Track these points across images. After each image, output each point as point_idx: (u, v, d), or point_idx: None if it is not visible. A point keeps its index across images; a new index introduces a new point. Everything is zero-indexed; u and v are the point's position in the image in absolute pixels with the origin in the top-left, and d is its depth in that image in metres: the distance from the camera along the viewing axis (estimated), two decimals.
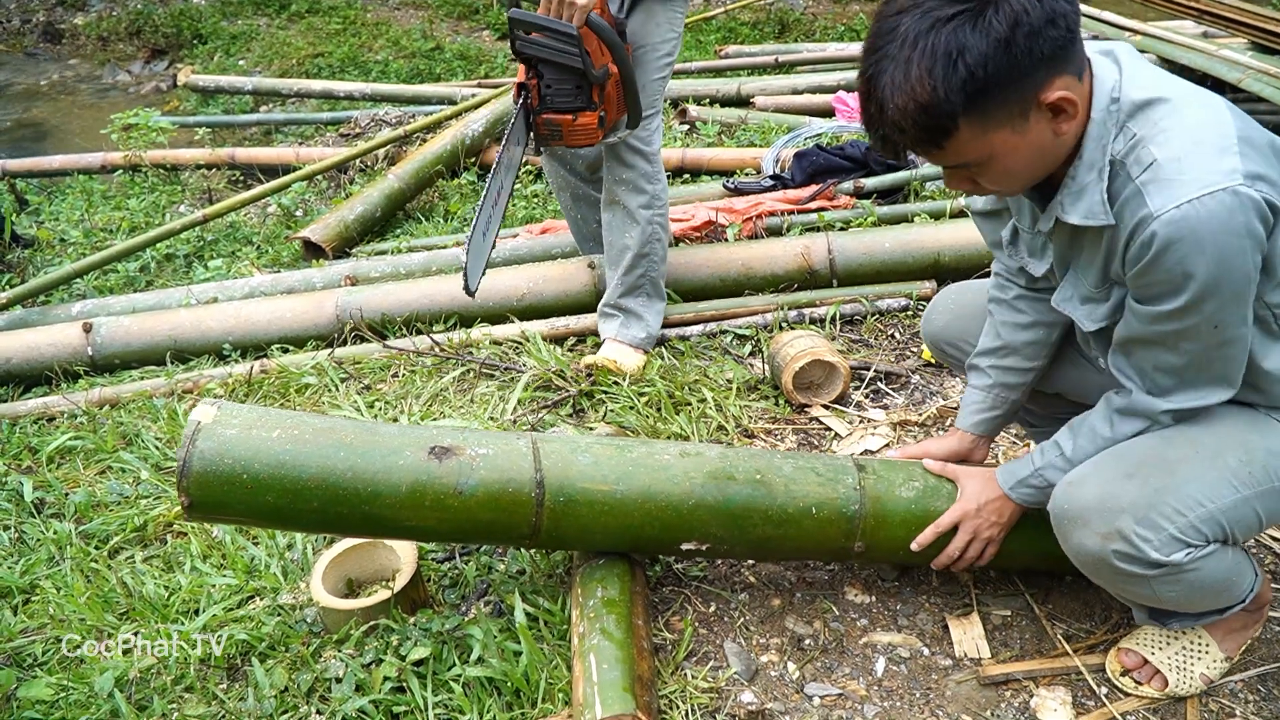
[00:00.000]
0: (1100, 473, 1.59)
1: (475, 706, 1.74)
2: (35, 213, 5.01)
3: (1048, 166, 1.46)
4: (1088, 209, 1.46)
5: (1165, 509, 1.52)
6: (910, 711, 1.78)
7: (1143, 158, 1.39)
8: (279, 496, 1.60)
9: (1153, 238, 1.36)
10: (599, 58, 2.42)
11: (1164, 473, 1.54)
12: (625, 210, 2.75)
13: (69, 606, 2.07)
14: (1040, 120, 1.37)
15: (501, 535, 1.77)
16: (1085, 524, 1.57)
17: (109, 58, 9.01)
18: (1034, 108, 1.36)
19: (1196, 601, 1.67)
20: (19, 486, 2.51)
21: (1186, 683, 1.76)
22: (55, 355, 3.09)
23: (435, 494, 1.67)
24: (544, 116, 2.50)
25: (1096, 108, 1.42)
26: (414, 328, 3.09)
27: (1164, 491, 1.52)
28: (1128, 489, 1.54)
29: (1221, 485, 1.53)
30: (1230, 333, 1.43)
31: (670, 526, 1.79)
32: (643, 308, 2.84)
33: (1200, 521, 1.52)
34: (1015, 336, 1.84)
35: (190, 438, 1.58)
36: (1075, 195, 1.47)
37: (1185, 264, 1.35)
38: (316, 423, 1.68)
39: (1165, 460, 1.55)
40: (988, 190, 1.49)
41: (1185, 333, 1.44)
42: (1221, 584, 1.63)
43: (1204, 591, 1.62)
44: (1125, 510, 1.53)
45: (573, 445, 1.79)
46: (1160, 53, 4.60)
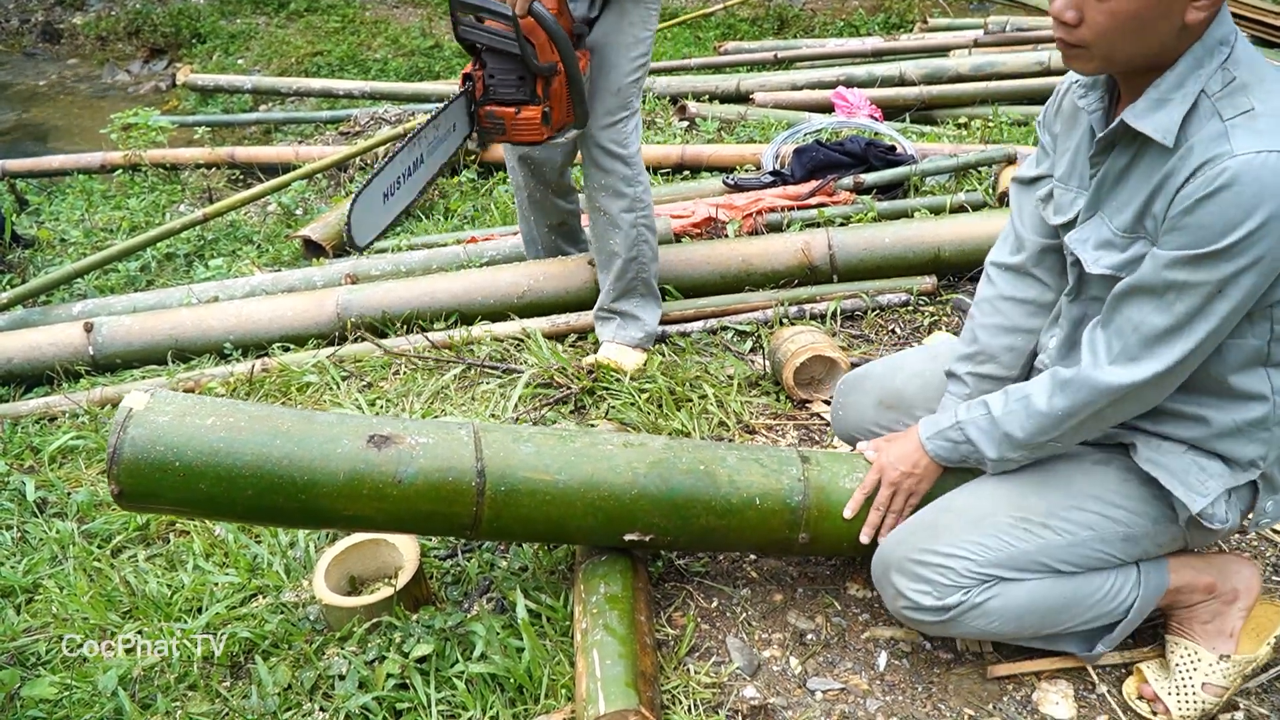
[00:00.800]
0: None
1: (478, 703, 1.74)
2: (36, 213, 5.02)
3: (1149, 47, 1.39)
4: (1162, 123, 1.41)
5: (931, 559, 1.64)
6: (913, 705, 1.79)
7: (1240, 103, 1.36)
8: (212, 485, 1.57)
9: (1222, 173, 1.32)
10: (545, 52, 2.36)
11: (932, 527, 1.68)
12: (607, 216, 2.71)
13: (72, 606, 2.07)
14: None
15: (442, 526, 1.75)
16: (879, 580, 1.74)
17: (108, 57, 9.01)
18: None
19: (1038, 626, 1.70)
20: (21, 486, 2.51)
21: (1190, 703, 1.70)
22: (56, 355, 3.09)
23: (374, 483, 1.64)
24: (486, 108, 2.44)
25: (1209, 37, 1.38)
26: (415, 325, 3.09)
27: (933, 541, 1.65)
28: (899, 542, 1.70)
29: (990, 538, 1.64)
30: (1229, 305, 1.40)
31: (613, 517, 1.78)
32: (638, 308, 2.83)
33: (965, 570, 1.63)
34: (993, 341, 1.82)
35: (121, 424, 1.54)
36: (1154, 104, 1.42)
37: (1241, 206, 1.32)
38: (253, 410, 1.65)
39: (945, 510, 1.70)
40: (1081, 37, 1.40)
41: (1190, 287, 1.40)
42: (1050, 608, 1.67)
43: (1035, 616, 1.67)
44: (892, 566, 1.68)
45: (515, 434, 1.77)
46: None
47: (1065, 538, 1.63)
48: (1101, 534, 1.64)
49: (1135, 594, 1.70)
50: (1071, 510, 1.64)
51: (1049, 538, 1.63)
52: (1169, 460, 1.59)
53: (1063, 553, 1.64)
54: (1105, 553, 1.65)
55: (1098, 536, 1.64)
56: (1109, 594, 1.68)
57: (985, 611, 1.64)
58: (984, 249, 3.03)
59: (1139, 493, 1.64)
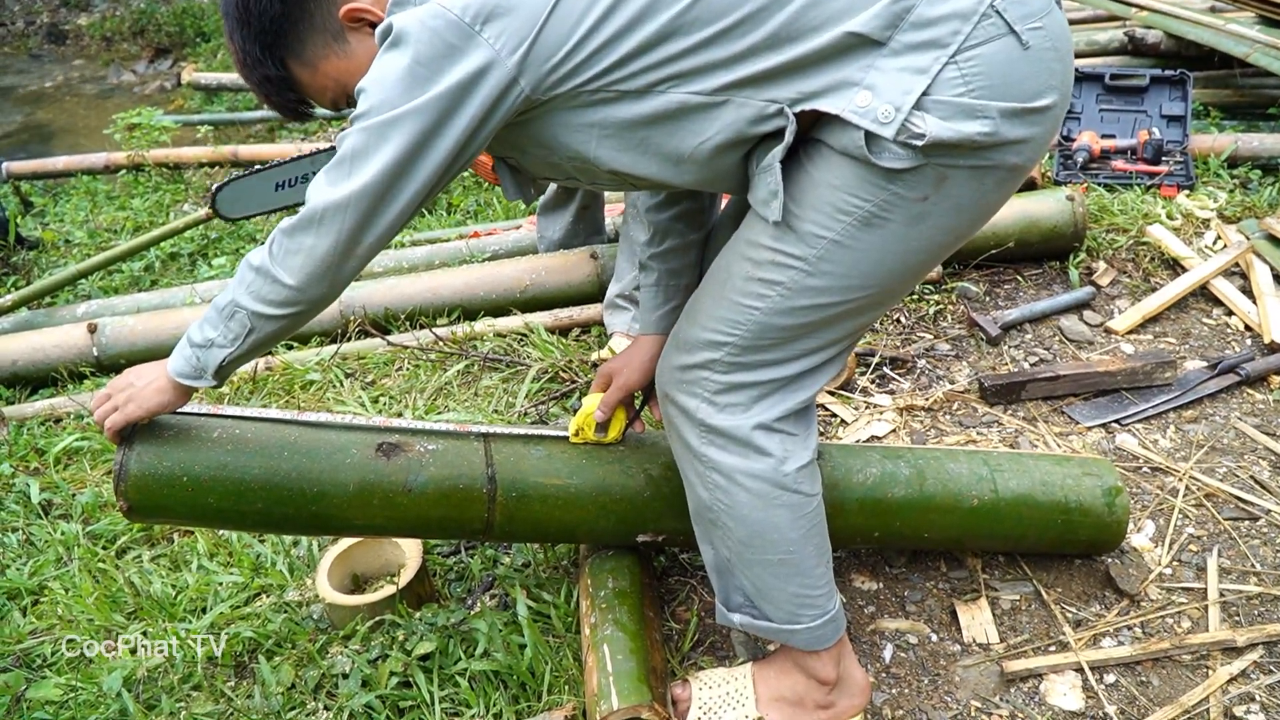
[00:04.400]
0: None
1: (481, 700, 1.74)
2: (40, 214, 5.02)
3: None
4: None
5: (695, 345, 1.47)
6: (918, 698, 1.77)
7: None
8: (221, 499, 1.56)
9: None
10: None
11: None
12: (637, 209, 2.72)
13: (77, 607, 2.07)
14: (362, 38, 1.39)
15: (454, 531, 1.74)
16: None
17: (113, 58, 9.02)
18: (345, 30, 1.39)
19: (748, 555, 1.55)
20: (26, 488, 2.52)
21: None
22: (61, 356, 3.09)
23: (384, 492, 1.63)
24: None
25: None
26: (417, 321, 3.08)
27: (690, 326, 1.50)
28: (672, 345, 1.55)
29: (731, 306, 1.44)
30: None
31: (625, 519, 1.77)
32: None
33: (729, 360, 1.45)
34: (657, 217, 1.69)
35: (126, 440, 1.53)
36: None
37: None
38: (259, 421, 1.64)
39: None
40: None
41: None
42: (769, 536, 1.51)
43: (753, 535, 1.52)
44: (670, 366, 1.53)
45: (524, 438, 1.76)
46: (1167, 28, 4.55)
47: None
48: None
49: (830, 608, 1.59)
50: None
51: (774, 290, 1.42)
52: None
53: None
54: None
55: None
56: (821, 583, 1.58)
57: (728, 489, 1.51)
58: (988, 237, 3.01)
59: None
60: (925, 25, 1.23)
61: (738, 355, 1.44)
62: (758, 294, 1.40)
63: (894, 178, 1.27)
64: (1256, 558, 2.04)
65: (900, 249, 1.35)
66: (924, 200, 1.29)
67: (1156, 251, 3.11)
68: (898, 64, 1.23)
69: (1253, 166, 3.64)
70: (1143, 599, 1.95)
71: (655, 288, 1.75)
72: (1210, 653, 1.82)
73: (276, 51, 1.40)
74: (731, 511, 1.51)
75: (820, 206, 1.32)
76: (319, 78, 1.43)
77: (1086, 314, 2.91)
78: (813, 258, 1.35)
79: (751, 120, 1.30)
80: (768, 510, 1.50)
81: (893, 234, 1.33)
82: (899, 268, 1.38)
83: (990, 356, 2.77)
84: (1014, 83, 1.25)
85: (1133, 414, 2.48)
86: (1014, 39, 1.24)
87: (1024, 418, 2.50)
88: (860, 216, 1.31)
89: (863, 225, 1.31)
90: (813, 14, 1.25)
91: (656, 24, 1.25)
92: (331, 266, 1.34)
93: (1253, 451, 2.34)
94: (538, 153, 1.41)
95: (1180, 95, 3.76)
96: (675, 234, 1.70)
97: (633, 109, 1.31)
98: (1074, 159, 3.61)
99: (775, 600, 1.58)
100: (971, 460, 1.91)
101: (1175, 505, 2.18)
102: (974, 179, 1.30)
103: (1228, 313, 2.88)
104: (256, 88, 1.44)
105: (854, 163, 1.28)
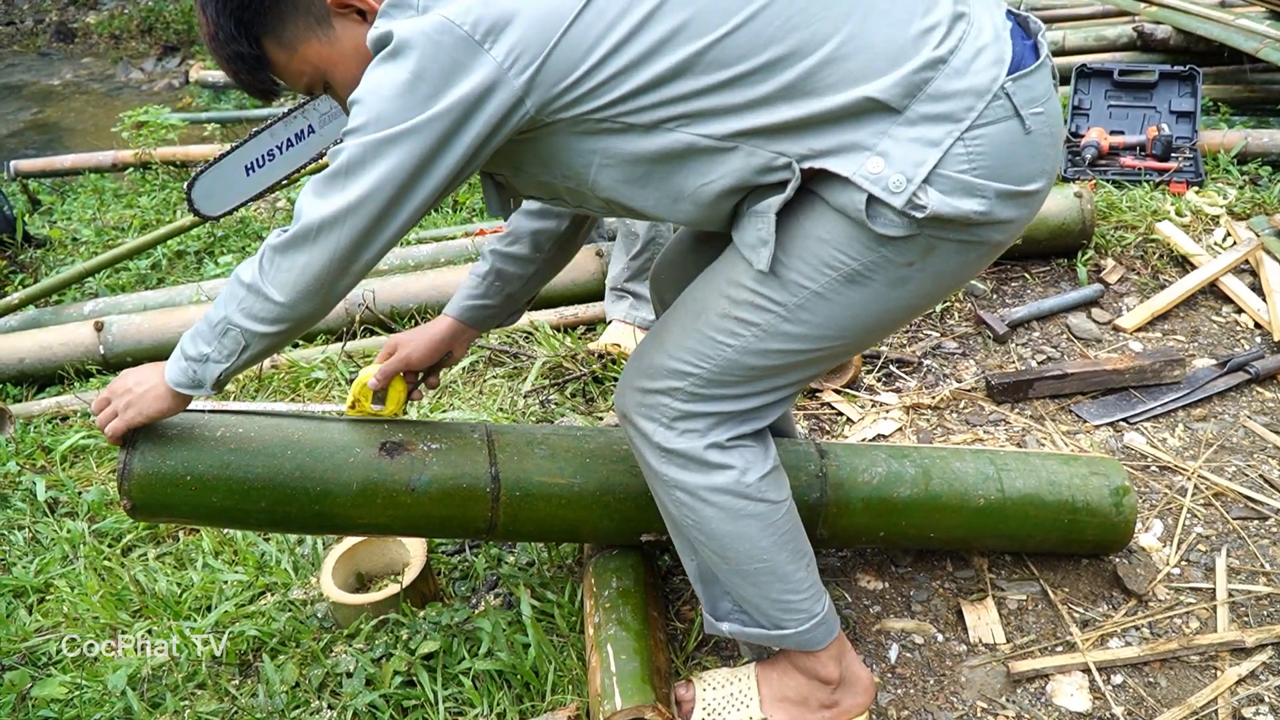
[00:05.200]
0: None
1: (485, 699, 1.74)
2: (48, 212, 5.03)
3: None
4: None
5: (657, 373, 1.46)
6: (924, 698, 1.76)
7: None
8: (224, 497, 1.56)
9: None
10: None
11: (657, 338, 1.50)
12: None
13: (83, 605, 2.07)
14: (348, 25, 1.34)
15: (457, 530, 1.74)
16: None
17: (121, 55, 9.03)
18: (330, 14, 1.33)
19: (725, 566, 1.54)
20: (33, 486, 2.52)
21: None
22: (68, 354, 3.10)
23: (387, 492, 1.62)
24: None
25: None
26: (423, 319, 3.08)
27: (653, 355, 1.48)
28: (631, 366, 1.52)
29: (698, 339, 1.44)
30: None
31: (629, 519, 1.76)
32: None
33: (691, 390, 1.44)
34: (524, 223, 1.70)
35: (130, 439, 1.53)
36: None
37: None
38: (262, 420, 1.64)
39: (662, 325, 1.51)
40: None
41: None
42: (740, 547, 1.50)
43: (745, 542, 1.50)
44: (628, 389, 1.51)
45: (529, 438, 1.76)
46: (1176, 23, 4.53)
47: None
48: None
49: (817, 610, 1.58)
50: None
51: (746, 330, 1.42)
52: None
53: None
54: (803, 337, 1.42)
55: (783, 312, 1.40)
56: (802, 587, 1.57)
57: (698, 502, 1.49)
58: None
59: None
60: (942, 98, 1.24)
61: (701, 387, 1.44)
62: (732, 331, 1.40)
63: (885, 242, 1.29)
64: (1266, 557, 2.02)
65: (878, 308, 1.37)
66: (909, 266, 1.32)
67: (1165, 248, 3.09)
68: (911, 134, 1.24)
69: (1263, 163, 3.61)
70: (1150, 599, 1.94)
71: (481, 279, 1.74)
72: (1219, 653, 1.81)
73: (253, 29, 1.33)
74: (700, 526, 1.51)
75: (807, 258, 1.33)
76: (296, 61, 1.37)
77: (1095, 312, 2.89)
78: (792, 305, 1.36)
79: (758, 170, 1.30)
80: (735, 522, 1.50)
81: (874, 293, 1.35)
82: (872, 324, 1.40)
83: (997, 354, 2.76)
84: (1012, 165, 1.27)
85: (1141, 412, 2.47)
86: (1018, 122, 1.26)
87: (1031, 416, 2.49)
88: (845, 273, 1.32)
89: (846, 281, 1.33)
90: (830, 71, 1.24)
91: (672, 60, 1.23)
92: (325, 284, 1.32)
93: (1262, 450, 2.32)
94: (532, 171, 1.39)
95: (1189, 91, 3.73)
96: (528, 246, 1.71)
97: (639, 143, 1.30)
98: (1082, 155, 3.59)
99: (758, 608, 1.57)
100: (978, 459, 1.90)
101: (1184, 504, 2.16)
102: (959, 252, 1.32)
103: (1237, 310, 2.86)
104: (225, 63, 1.38)
105: (848, 222, 1.29)
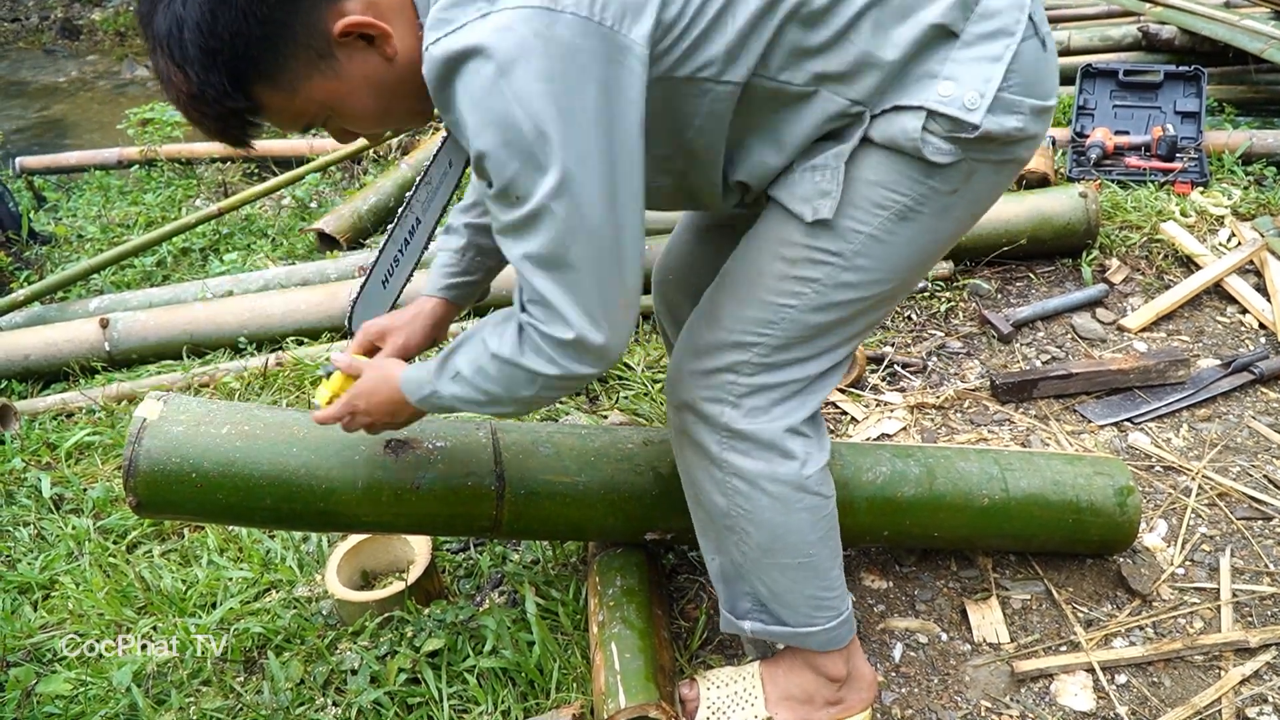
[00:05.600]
0: None
1: (489, 697, 1.74)
2: (53, 209, 5.04)
3: (413, 88, 1.24)
4: None
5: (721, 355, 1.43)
6: (928, 697, 1.76)
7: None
8: (230, 495, 1.55)
9: None
10: None
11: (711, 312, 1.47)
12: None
13: (88, 602, 2.08)
14: (353, 54, 1.22)
15: (462, 528, 1.75)
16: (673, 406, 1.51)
17: (126, 52, 9.04)
18: (334, 46, 1.20)
19: (766, 560, 1.52)
20: (38, 483, 2.53)
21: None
22: (73, 351, 3.11)
23: (392, 490, 1.62)
24: None
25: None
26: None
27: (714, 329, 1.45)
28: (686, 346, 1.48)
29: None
30: None
31: (633, 517, 1.77)
32: None
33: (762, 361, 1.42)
34: None
35: (135, 436, 1.52)
36: None
37: None
38: (268, 417, 1.63)
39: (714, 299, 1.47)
40: (376, 134, 1.36)
41: None
42: (789, 540, 1.50)
43: (774, 540, 1.49)
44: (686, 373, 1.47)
45: (534, 436, 1.76)
46: (1181, 23, 4.52)
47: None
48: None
49: (844, 608, 1.59)
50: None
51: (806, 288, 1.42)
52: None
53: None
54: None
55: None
56: (835, 585, 1.58)
57: (749, 495, 1.48)
58: (999, 233, 2.99)
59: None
60: (991, 16, 1.27)
61: (766, 355, 1.43)
62: (793, 292, 1.40)
63: (933, 173, 1.30)
64: (1270, 558, 2.02)
65: (927, 240, 1.38)
66: (953, 194, 1.34)
67: (1170, 249, 3.09)
68: (972, 54, 1.27)
69: (1267, 163, 3.60)
70: (1155, 599, 1.94)
71: (459, 254, 1.67)
72: (1223, 653, 1.81)
73: (247, 81, 1.19)
74: (752, 517, 1.50)
75: (858, 202, 1.34)
76: (299, 102, 1.25)
77: (1099, 312, 2.89)
78: (849, 253, 1.36)
79: (833, 117, 1.31)
80: (789, 514, 1.49)
81: (923, 227, 1.36)
82: (922, 259, 1.41)
83: (1002, 354, 2.76)
84: (1038, 82, 1.30)
85: (1145, 412, 2.46)
86: (1038, 41, 1.30)
87: (1036, 416, 2.48)
88: (897, 210, 1.34)
89: (898, 219, 1.34)
90: (892, 3, 1.26)
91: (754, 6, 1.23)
92: (610, 328, 1.25)
93: (1266, 450, 2.32)
94: None
95: (1194, 91, 3.73)
96: None
97: (726, 97, 1.28)
98: (1087, 155, 3.59)
99: (791, 604, 1.57)
100: (982, 459, 1.90)
101: (1188, 505, 2.16)
102: (994, 173, 1.35)
103: (1242, 310, 2.86)
104: (213, 123, 1.24)
105: (897, 159, 1.31)
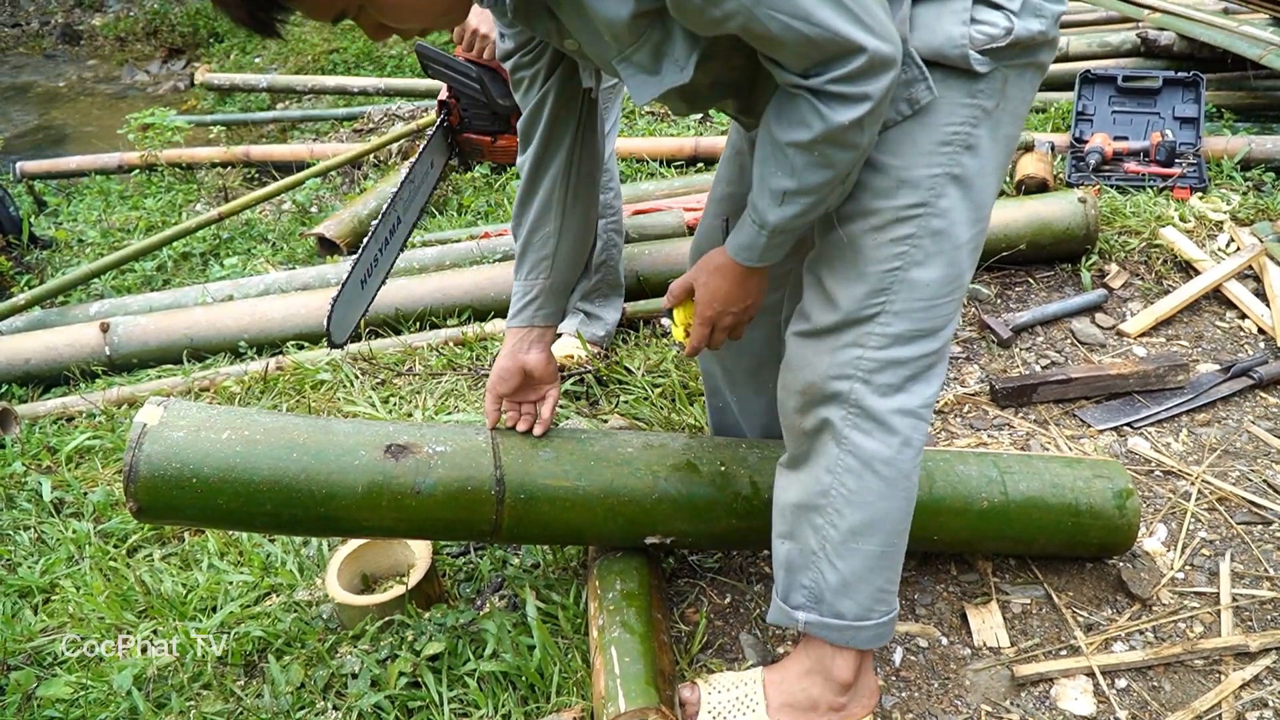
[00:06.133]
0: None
1: (490, 701, 1.74)
2: (54, 214, 5.05)
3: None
4: None
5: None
6: (928, 701, 1.76)
7: None
8: (230, 500, 1.56)
9: None
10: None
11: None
12: None
13: (88, 605, 2.08)
14: None
15: (462, 532, 1.75)
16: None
17: (127, 58, 9.05)
18: None
19: (851, 545, 1.52)
20: (38, 486, 2.53)
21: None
22: (73, 355, 3.11)
23: (392, 494, 1.63)
24: (464, 136, 2.63)
25: None
26: (428, 322, 3.09)
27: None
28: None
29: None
30: None
31: (633, 521, 1.77)
32: (600, 309, 2.86)
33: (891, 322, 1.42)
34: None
35: (136, 441, 1.53)
36: None
37: None
38: (268, 422, 1.64)
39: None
40: (410, 30, 1.32)
41: None
42: (884, 525, 1.51)
43: (867, 524, 1.50)
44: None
45: (533, 440, 1.77)
46: (1180, 29, 4.53)
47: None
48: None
49: (896, 606, 1.62)
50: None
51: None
52: None
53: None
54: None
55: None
56: (897, 580, 1.60)
57: (868, 475, 1.49)
58: (999, 238, 3.00)
59: None
60: None
61: (890, 324, 1.43)
62: (894, 254, 1.41)
63: (976, 90, 1.34)
64: (1270, 562, 2.02)
65: (992, 168, 1.41)
66: (997, 108, 1.37)
67: (1169, 254, 3.09)
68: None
69: (1266, 169, 3.61)
70: (1155, 603, 1.94)
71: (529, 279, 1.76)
72: (1223, 658, 1.81)
73: None
74: (852, 498, 1.50)
75: (920, 148, 1.37)
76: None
77: (1098, 316, 2.90)
78: (931, 199, 1.39)
79: None
80: (891, 499, 1.51)
81: (985, 153, 1.39)
82: (990, 190, 1.43)
83: (1001, 359, 2.76)
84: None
85: (1145, 417, 2.47)
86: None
87: (1035, 421, 2.49)
88: (961, 143, 1.37)
89: (964, 150, 1.38)
90: None
91: None
92: None
93: (1266, 455, 2.32)
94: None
95: (1193, 97, 3.74)
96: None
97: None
98: (1086, 161, 3.60)
99: (857, 594, 1.56)
100: (981, 462, 1.90)
101: (1188, 509, 2.17)
102: (1022, 79, 1.39)
103: (1241, 316, 2.86)
104: (241, 4, 1.23)
105: (940, 86, 1.34)
